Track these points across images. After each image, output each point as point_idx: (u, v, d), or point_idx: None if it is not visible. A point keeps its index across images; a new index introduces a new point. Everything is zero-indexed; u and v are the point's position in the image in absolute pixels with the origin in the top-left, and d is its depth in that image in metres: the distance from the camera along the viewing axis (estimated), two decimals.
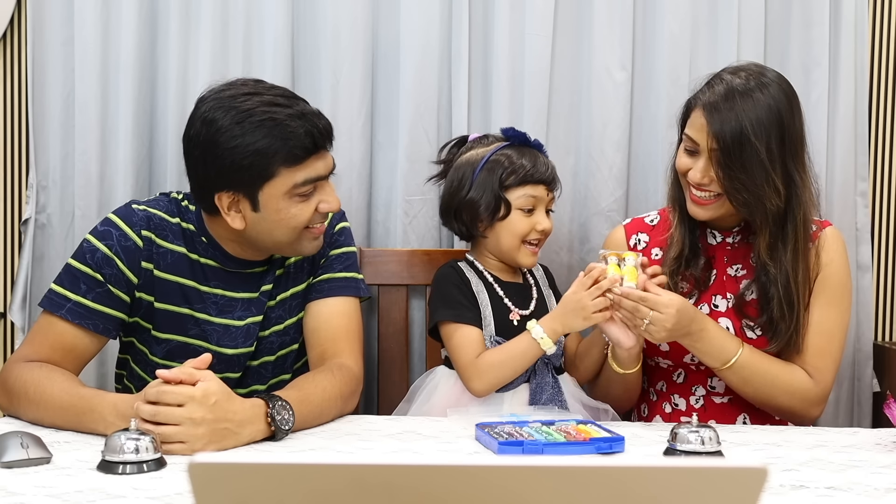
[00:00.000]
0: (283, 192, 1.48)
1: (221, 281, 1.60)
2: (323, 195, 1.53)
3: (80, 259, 1.54)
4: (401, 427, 1.47)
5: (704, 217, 1.65)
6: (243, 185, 1.48)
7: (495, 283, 1.74)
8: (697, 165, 1.61)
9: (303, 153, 1.47)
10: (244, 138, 1.44)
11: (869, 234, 2.11)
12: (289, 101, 1.50)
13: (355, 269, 1.70)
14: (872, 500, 1.12)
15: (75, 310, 1.51)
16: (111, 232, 1.54)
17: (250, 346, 1.61)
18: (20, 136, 2.12)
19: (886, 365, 2.05)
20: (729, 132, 1.54)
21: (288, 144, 1.45)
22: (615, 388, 1.71)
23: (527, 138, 1.76)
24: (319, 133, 1.49)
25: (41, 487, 1.10)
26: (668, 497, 0.63)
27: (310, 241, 1.56)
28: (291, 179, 1.47)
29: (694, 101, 1.63)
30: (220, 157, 1.46)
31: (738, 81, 1.58)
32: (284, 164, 1.46)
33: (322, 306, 1.64)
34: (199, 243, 1.59)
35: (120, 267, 1.53)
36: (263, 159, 1.45)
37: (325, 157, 1.52)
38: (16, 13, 2.09)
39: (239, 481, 0.62)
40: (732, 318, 1.67)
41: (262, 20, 2.05)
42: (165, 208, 1.59)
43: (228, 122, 1.45)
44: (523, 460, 0.62)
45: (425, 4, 2.04)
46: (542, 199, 1.72)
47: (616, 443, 1.33)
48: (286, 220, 1.50)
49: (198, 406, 1.25)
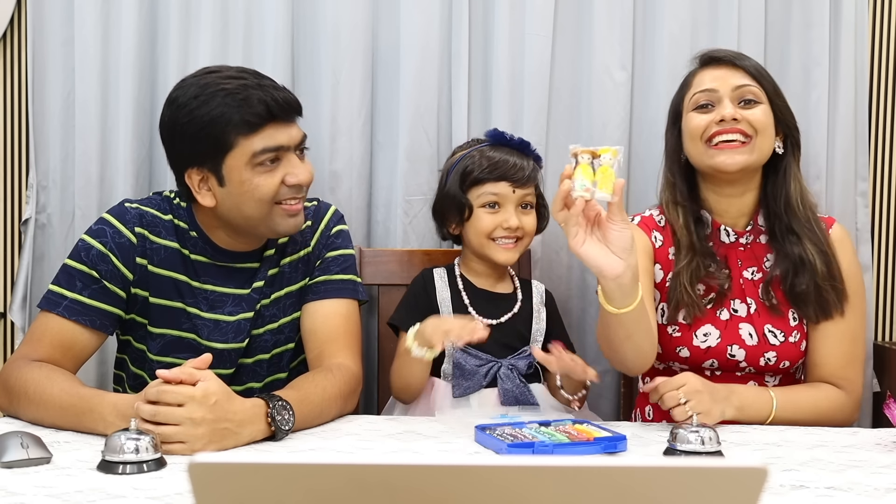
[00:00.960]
0: (244, 163, 1.49)
1: (212, 276, 1.61)
2: (290, 167, 1.52)
3: (76, 258, 1.56)
4: (401, 427, 1.47)
5: (735, 165, 1.60)
6: (207, 159, 1.50)
7: (465, 290, 1.75)
8: (722, 108, 1.62)
9: (257, 120, 1.47)
10: (200, 110, 1.47)
11: (869, 234, 2.11)
12: (248, 75, 1.52)
13: (353, 272, 1.70)
14: (872, 500, 1.12)
15: (72, 307, 1.52)
16: (105, 230, 1.56)
17: (241, 343, 1.62)
18: (20, 136, 2.12)
19: (886, 365, 2.05)
20: (758, 65, 1.68)
21: (241, 111, 1.46)
22: (616, 335, 1.49)
23: (503, 137, 1.75)
24: (275, 102, 1.49)
25: (41, 487, 1.10)
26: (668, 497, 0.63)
27: (284, 219, 1.55)
28: (250, 148, 1.48)
29: (700, 66, 1.70)
30: (181, 133, 1.51)
31: (733, 51, 1.72)
32: (240, 132, 1.47)
33: (319, 307, 1.64)
34: (190, 239, 1.61)
35: (115, 263, 1.55)
36: (218, 128, 1.47)
37: (287, 128, 1.52)
38: (16, 13, 2.09)
39: (239, 481, 0.62)
40: (755, 324, 1.65)
41: (262, 20, 2.05)
42: (158, 206, 1.61)
43: (187, 98, 1.49)
44: (523, 460, 0.62)
45: (425, 5, 2.04)
46: (506, 197, 1.70)
47: (620, 442, 1.33)
48: (251, 192, 1.50)
49: (198, 406, 1.25)
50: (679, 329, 1.65)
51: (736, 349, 1.64)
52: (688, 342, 1.64)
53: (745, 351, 1.64)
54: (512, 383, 1.65)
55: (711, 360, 1.63)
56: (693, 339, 1.64)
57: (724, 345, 1.64)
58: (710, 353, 1.64)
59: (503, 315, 1.74)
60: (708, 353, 1.63)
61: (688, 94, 1.69)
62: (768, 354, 1.64)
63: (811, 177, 2.05)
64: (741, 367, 1.64)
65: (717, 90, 1.64)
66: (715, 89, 1.64)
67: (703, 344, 1.64)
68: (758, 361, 1.64)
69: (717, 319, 1.65)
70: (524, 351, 1.71)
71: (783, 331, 1.65)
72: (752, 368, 1.65)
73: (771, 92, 1.65)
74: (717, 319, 1.65)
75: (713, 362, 1.63)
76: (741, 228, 1.70)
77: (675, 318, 1.65)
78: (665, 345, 1.65)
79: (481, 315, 1.72)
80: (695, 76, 1.70)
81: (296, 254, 1.67)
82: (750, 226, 1.70)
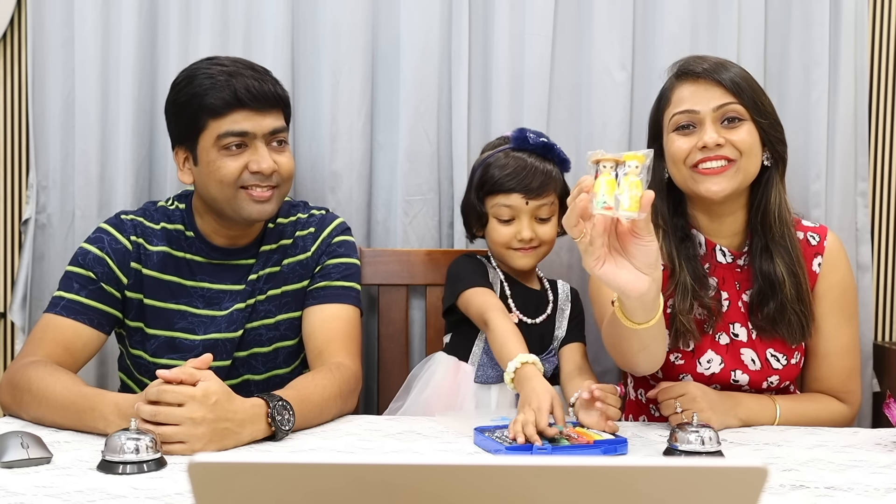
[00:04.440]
0: (212, 145, 1.57)
1: (208, 275, 1.67)
2: (255, 155, 1.58)
3: (74, 263, 1.63)
4: (401, 427, 1.47)
5: (722, 192, 1.54)
6: (185, 139, 1.61)
7: (506, 281, 1.76)
8: (703, 132, 1.54)
9: (223, 105, 1.55)
10: (181, 90, 1.59)
11: (869, 234, 2.11)
12: (239, 65, 1.60)
13: (355, 280, 1.72)
14: (872, 500, 1.12)
15: (70, 306, 1.58)
16: (102, 237, 1.64)
17: (235, 332, 1.64)
18: (20, 136, 2.12)
19: (886, 365, 2.05)
20: (740, 77, 1.56)
21: (210, 95, 1.55)
22: (630, 347, 1.42)
23: (526, 141, 1.72)
24: (246, 90, 1.55)
25: (41, 487, 1.10)
26: (669, 497, 0.63)
27: (249, 203, 1.59)
28: (216, 130, 1.56)
29: (678, 79, 1.60)
30: (168, 112, 1.65)
31: (713, 59, 1.61)
32: (208, 114, 1.56)
33: (318, 311, 1.67)
34: (185, 240, 1.67)
35: (111, 266, 1.61)
36: (191, 109, 1.57)
37: (257, 116, 1.57)
38: (16, 13, 2.09)
39: (239, 481, 0.62)
40: (757, 349, 1.61)
41: (262, 20, 2.05)
42: (149, 217, 1.69)
43: (178, 79, 1.62)
44: (523, 460, 0.62)
45: (425, 4, 2.04)
46: (519, 209, 1.69)
47: (621, 445, 1.33)
48: (215, 173, 1.57)
49: (198, 406, 1.26)
50: (682, 357, 1.61)
51: (739, 374, 1.61)
52: (691, 369, 1.61)
53: (748, 376, 1.61)
54: None
55: (715, 385, 1.60)
56: (696, 366, 1.61)
57: (727, 371, 1.61)
58: (713, 380, 1.61)
59: (538, 316, 1.75)
60: (712, 379, 1.61)
61: (667, 112, 1.60)
62: (771, 378, 1.62)
63: (811, 177, 2.05)
64: (744, 389, 1.62)
65: (697, 111, 1.55)
66: (696, 110, 1.55)
67: (706, 371, 1.61)
68: (760, 385, 1.62)
69: (718, 345, 1.61)
70: (550, 351, 1.72)
71: (785, 354, 1.62)
72: (754, 390, 1.63)
73: (752, 107, 1.55)
74: (717, 345, 1.61)
75: (716, 386, 1.60)
76: (737, 249, 1.65)
77: (677, 345, 1.59)
78: (668, 371, 1.61)
79: (518, 310, 1.73)
80: (673, 91, 1.60)
81: (295, 256, 1.70)
82: (746, 245, 1.65)
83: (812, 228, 1.69)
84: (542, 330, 1.75)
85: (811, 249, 1.66)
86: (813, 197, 2.05)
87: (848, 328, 1.65)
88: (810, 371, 1.67)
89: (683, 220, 1.64)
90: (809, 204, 2.04)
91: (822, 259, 1.65)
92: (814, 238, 1.67)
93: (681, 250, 1.61)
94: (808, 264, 1.64)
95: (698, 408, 1.44)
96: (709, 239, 1.65)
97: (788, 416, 1.56)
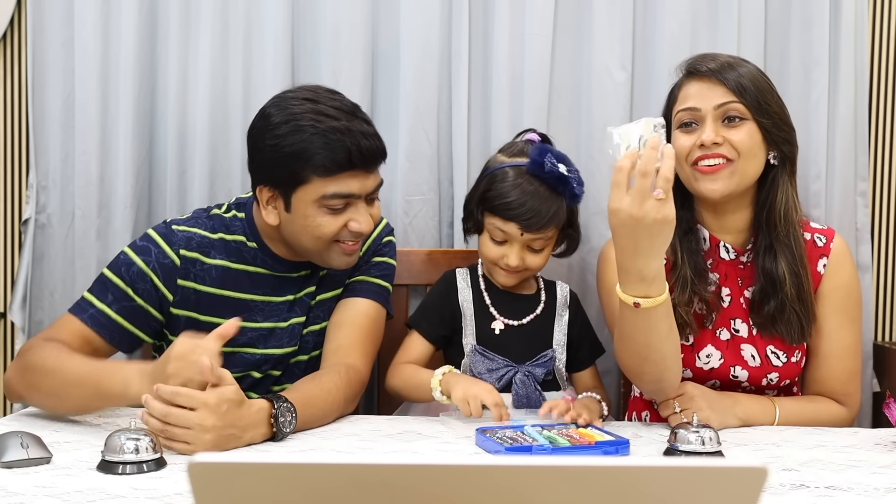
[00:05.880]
0: (313, 200, 1.50)
1: (269, 287, 1.62)
2: (356, 214, 1.53)
3: (115, 270, 1.56)
4: (401, 427, 1.47)
5: (719, 192, 1.55)
6: (279, 184, 1.51)
7: (487, 290, 1.74)
8: (703, 130, 1.55)
9: (335, 167, 1.47)
10: (285, 139, 1.47)
11: (869, 234, 2.11)
12: (342, 114, 1.50)
13: (390, 282, 1.72)
14: (872, 500, 1.12)
15: (96, 317, 1.54)
16: (150, 248, 1.57)
17: (295, 346, 1.64)
18: (20, 136, 2.12)
19: (886, 365, 2.05)
20: (746, 77, 1.57)
21: (322, 155, 1.46)
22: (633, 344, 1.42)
23: (541, 168, 1.62)
24: (360, 152, 1.48)
25: (41, 487, 1.10)
26: (669, 497, 0.63)
27: (339, 256, 1.56)
28: (322, 189, 1.49)
29: (686, 77, 1.62)
30: (262, 151, 1.52)
31: (723, 58, 1.61)
32: (316, 173, 1.47)
33: (350, 304, 1.66)
34: (248, 252, 1.62)
35: (155, 283, 1.56)
36: (296, 163, 1.47)
37: (364, 177, 1.51)
38: (16, 13, 2.09)
39: (239, 481, 0.62)
40: (757, 345, 1.62)
41: (262, 20, 2.05)
42: (205, 226, 1.62)
43: (277, 120, 1.49)
44: (523, 460, 0.62)
45: (425, 4, 2.04)
46: (513, 236, 1.65)
47: (622, 446, 1.32)
48: (312, 228, 1.51)
49: (210, 413, 1.25)
50: (682, 350, 1.59)
51: (739, 370, 1.61)
52: (690, 364, 1.61)
53: (747, 372, 1.61)
54: (527, 390, 1.64)
55: (714, 380, 1.61)
56: (696, 360, 1.61)
57: (726, 366, 1.61)
58: (713, 375, 1.61)
59: (525, 317, 1.73)
60: (711, 374, 1.61)
61: (674, 109, 1.63)
62: (771, 375, 1.62)
63: (811, 177, 2.05)
64: (743, 386, 1.63)
65: (699, 109, 1.56)
66: (697, 108, 1.57)
67: (705, 366, 1.61)
68: (760, 382, 1.62)
69: (718, 340, 1.62)
70: (544, 356, 1.69)
71: (785, 352, 1.62)
72: (753, 387, 1.63)
73: (755, 107, 1.56)
74: (717, 340, 1.62)
75: (715, 382, 1.61)
76: (741, 245, 1.65)
77: None
78: None
79: (503, 316, 1.71)
80: (681, 88, 1.62)
81: None
82: (751, 243, 1.65)
83: (820, 230, 1.69)
84: (530, 332, 1.72)
85: (817, 251, 1.66)
86: (813, 197, 2.05)
87: (850, 331, 1.65)
88: (810, 372, 1.67)
89: (689, 214, 1.65)
90: (809, 204, 2.04)
91: (827, 261, 1.65)
92: (820, 239, 1.67)
93: (684, 243, 1.62)
94: (812, 265, 1.64)
95: (697, 407, 1.45)
96: (713, 235, 1.65)
97: (787, 417, 1.56)
